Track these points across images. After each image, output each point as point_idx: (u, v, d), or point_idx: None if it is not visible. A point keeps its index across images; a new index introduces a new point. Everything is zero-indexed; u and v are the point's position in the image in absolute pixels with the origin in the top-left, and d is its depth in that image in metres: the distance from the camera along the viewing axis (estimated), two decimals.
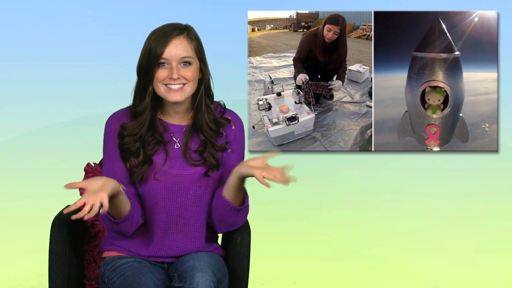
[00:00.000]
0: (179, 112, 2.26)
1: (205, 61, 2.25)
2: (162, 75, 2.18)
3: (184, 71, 2.18)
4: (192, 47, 2.21)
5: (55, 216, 2.37)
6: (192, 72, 2.20)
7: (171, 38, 2.18)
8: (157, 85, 2.19)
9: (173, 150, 2.25)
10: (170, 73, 2.17)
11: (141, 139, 2.21)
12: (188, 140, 2.25)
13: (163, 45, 2.17)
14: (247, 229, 2.39)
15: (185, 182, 2.23)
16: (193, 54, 2.20)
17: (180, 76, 2.18)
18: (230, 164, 2.27)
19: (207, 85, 2.25)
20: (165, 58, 2.17)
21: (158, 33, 2.19)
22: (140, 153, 2.21)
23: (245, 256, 2.34)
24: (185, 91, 2.20)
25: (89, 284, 2.46)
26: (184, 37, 2.20)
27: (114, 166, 2.23)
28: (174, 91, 2.18)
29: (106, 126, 2.26)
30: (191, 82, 2.20)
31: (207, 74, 2.25)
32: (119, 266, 2.23)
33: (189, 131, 2.26)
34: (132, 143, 2.21)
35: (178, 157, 2.24)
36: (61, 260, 2.32)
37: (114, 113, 2.27)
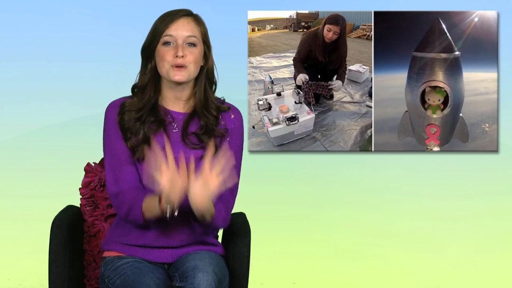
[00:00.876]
0: (180, 98, 2.25)
1: (210, 47, 2.25)
2: (168, 54, 2.17)
3: (188, 51, 2.17)
4: (199, 30, 2.21)
5: (55, 216, 2.37)
6: (196, 54, 2.19)
7: (178, 17, 2.19)
8: (161, 64, 2.18)
9: (172, 133, 2.24)
10: (175, 51, 2.16)
11: (142, 119, 2.21)
12: (187, 124, 2.24)
13: (169, 22, 2.17)
14: (247, 229, 2.39)
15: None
16: (199, 36, 2.20)
17: (184, 54, 2.16)
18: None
19: (210, 71, 2.25)
20: (171, 35, 2.17)
21: (165, 14, 2.20)
22: (139, 132, 2.20)
23: (245, 256, 2.34)
24: (188, 71, 2.18)
25: (89, 284, 2.46)
26: (191, 19, 2.21)
27: (117, 148, 2.21)
28: (178, 70, 2.17)
29: (106, 112, 2.25)
30: (193, 65, 2.19)
31: (210, 61, 2.25)
32: (119, 266, 2.23)
33: (189, 117, 2.25)
34: (133, 122, 2.20)
35: (177, 141, 2.24)
36: (61, 260, 2.32)
37: (113, 102, 2.26)
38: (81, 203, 2.51)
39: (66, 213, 2.41)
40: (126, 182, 2.21)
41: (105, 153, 2.25)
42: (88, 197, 2.50)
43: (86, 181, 2.52)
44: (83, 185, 2.52)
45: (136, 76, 2.26)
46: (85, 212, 2.49)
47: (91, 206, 2.50)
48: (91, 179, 2.52)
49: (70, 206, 2.48)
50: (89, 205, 2.50)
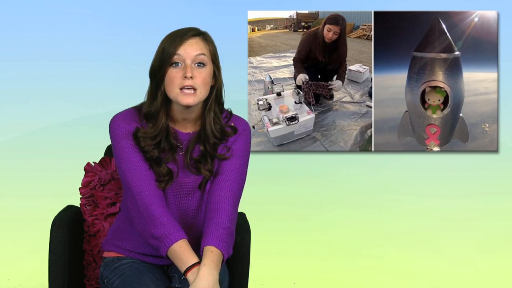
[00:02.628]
0: (188, 119, 2.20)
1: (219, 67, 2.20)
2: (176, 76, 2.11)
3: (197, 72, 2.12)
4: (208, 49, 2.16)
5: (55, 216, 2.37)
6: (205, 75, 2.14)
7: (187, 38, 2.13)
8: (170, 88, 2.12)
9: (179, 156, 2.22)
10: (184, 72, 2.11)
11: (159, 146, 2.16)
12: (191, 148, 2.21)
13: (178, 44, 2.12)
14: (247, 229, 2.39)
15: (187, 189, 2.22)
16: (208, 55, 2.15)
17: (193, 75, 2.11)
18: (227, 167, 2.22)
19: (218, 92, 2.20)
20: (179, 55, 2.11)
21: (174, 34, 2.14)
22: (161, 163, 2.15)
23: (245, 256, 2.34)
24: (198, 95, 2.13)
25: (89, 284, 2.46)
26: (200, 38, 2.16)
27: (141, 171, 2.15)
28: (187, 94, 2.11)
29: (115, 128, 2.17)
30: (203, 87, 2.13)
31: (220, 81, 2.20)
32: (118, 266, 2.23)
33: (194, 139, 2.21)
34: (151, 148, 2.15)
35: (182, 166, 2.21)
36: (61, 260, 2.32)
37: (118, 115, 2.19)
38: (81, 202, 2.52)
39: (66, 213, 2.41)
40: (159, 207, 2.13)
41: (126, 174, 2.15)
42: (88, 197, 2.50)
43: (86, 181, 2.53)
44: (83, 184, 2.53)
45: (144, 97, 2.19)
46: (85, 212, 2.49)
47: (91, 206, 2.50)
48: (91, 179, 2.52)
49: (70, 206, 2.48)
50: (89, 204, 2.50)
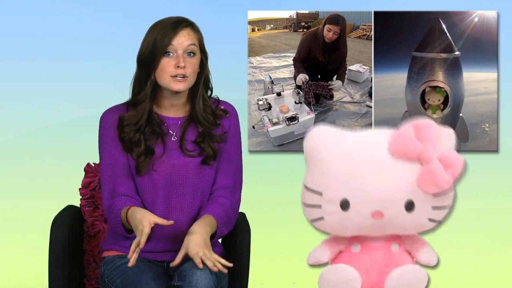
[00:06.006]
0: (175, 105, 2.27)
1: (207, 55, 2.28)
2: (168, 65, 2.19)
3: (188, 62, 2.20)
4: (197, 39, 2.24)
5: (55, 216, 2.37)
6: (195, 64, 2.22)
7: (179, 29, 2.21)
8: (161, 75, 2.20)
9: (170, 142, 2.27)
10: (176, 62, 2.19)
11: (141, 130, 2.23)
12: (185, 131, 2.27)
13: (171, 35, 2.20)
14: (247, 229, 2.39)
15: (182, 171, 2.25)
16: (197, 45, 2.24)
17: (185, 65, 2.19)
18: (226, 153, 2.30)
19: (206, 78, 2.28)
20: (173, 45, 2.19)
21: (165, 24, 2.22)
22: (141, 144, 2.23)
23: (245, 256, 2.35)
24: (188, 81, 2.21)
25: (89, 284, 2.46)
26: (190, 29, 2.24)
27: (113, 157, 2.25)
28: (178, 81, 2.19)
29: (101, 120, 2.28)
30: (193, 75, 2.22)
31: (207, 68, 2.28)
32: (119, 265, 2.23)
33: (186, 123, 2.28)
34: (133, 133, 2.22)
35: (175, 148, 2.26)
36: (61, 260, 2.32)
37: (109, 109, 2.29)
38: (81, 203, 2.51)
39: (66, 213, 2.41)
40: (122, 196, 2.24)
41: (104, 165, 2.26)
42: (88, 198, 2.50)
43: (86, 182, 2.52)
44: (83, 185, 2.52)
45: (130, 84, 2.27)
46: (85, 213, 2.49)
47: (91, 207, 2.50)
48: (91, 180, 2.52)
49: (70, 206, 2.48)
50: (89, 205, 2.50)
